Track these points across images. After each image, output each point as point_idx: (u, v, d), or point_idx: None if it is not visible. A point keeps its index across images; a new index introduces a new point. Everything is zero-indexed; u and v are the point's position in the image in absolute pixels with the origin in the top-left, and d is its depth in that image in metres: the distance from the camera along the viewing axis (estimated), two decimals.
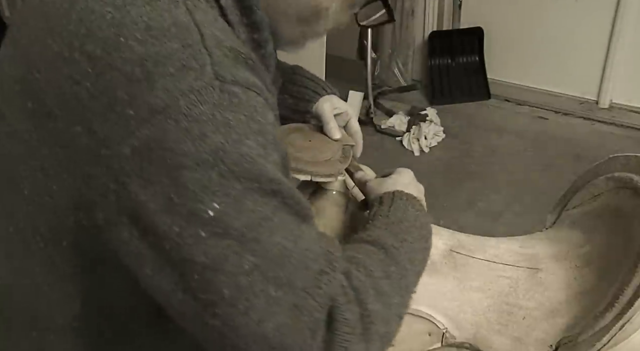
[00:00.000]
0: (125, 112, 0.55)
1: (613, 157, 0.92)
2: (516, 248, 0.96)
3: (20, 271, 0.68)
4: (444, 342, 0.91)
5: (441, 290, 0.91)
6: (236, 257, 0.55)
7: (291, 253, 0.57)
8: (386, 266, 0.68)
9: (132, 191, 0.56)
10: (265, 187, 0.56)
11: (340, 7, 0.72)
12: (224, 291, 0.55)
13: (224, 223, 0.54)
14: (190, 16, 0.58)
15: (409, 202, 0.79)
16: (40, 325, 0.69)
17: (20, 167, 0.64)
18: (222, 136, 0.54)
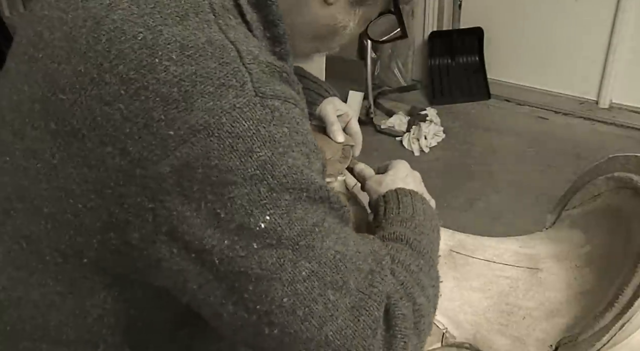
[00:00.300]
0: (162, 132, 0.55)
1: (613, 156, 0.92)
2: (516, 248, 0.96)
3: (31, 284, 0.67)
4: (443, 342, 0.91)
5: (441, 290, 0.91)
6: (292, 265, 0.56)
7: (344, 256, 0.59)
8: (416, 260, 0.69)
9: (172, 209, 0.56)
10: (313, 195, 0.58)
11: (357, 24, 0.74)
12: (283, 299, 0.56)
13: (277, 233, 0.55)
14: (223, 34, 0.59)
15: (413, 198, 0.81)
16: (50, 338, 0.69)
17: (39, 186, 0.63)
18: (268, 150, 0.55)
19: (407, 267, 0.67)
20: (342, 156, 0.93)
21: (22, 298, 0.68)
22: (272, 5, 0.65)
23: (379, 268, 0.62)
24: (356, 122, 1.01)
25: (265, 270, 0.55)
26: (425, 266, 0.70)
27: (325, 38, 0.74)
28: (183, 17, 0.58)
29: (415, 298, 0.64)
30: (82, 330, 0.67)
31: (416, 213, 0.78)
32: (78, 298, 0.66)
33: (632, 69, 3.04)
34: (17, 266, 0.68)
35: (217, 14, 0.60)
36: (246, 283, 0.56)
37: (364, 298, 0.59)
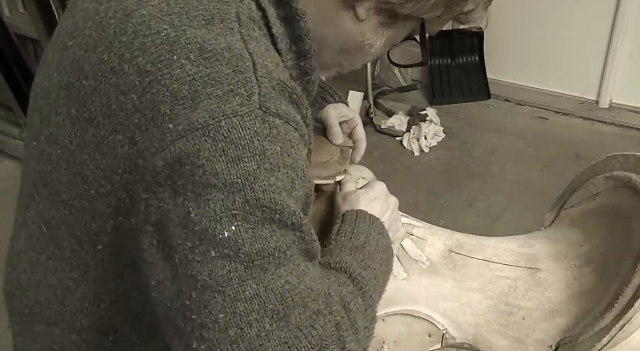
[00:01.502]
0: (164, 126, 0.56)
1: (612, 155, 0.92)
2: (515, 247, 0.96)
3: (49, 269, 0.70)
4: (443, 343, 0.91)
5: (440, 291, 0.91)
6: (239, 282, 0.55)
7: (294, 289, 0.57)
8: (355, 298, 0.68)
9: (162, 201, 0.57)
10: (285, 219, 0.57)
11: (383, 45, 0.74)
12: (219, 315, 0.55)
13: (237, 246, 0.55)
14: (244, 44, 0.59)
15: (371, 225, 0.79)
16: (64, 323, 0.71)
17: (59, 171, 0.65)
18: (255, 163, 0.55)
19: (345, 306, 0.65)
20: (341, 157, 0.93)
21: (41, 282, 0.71)
22: (300, 21, 0.66)
23: (327, 311, 0.61)
24: (362, 128, 1.00)
25: (212, 280, 0.55)
26: (363, 306, 0.68)
27: (351, 54, 0.75)
28: (208, 21, 0.60)
29: (345, 343, 0.62)
30: (94, 317, 0.69)
31: (368, 243, 0.76)
32: (92, 285, 0.68)
33: (632, 69, 3.04)
34: (38, 251, 0.70)
35: (241, 24, 0.61)
36: (192, 289, 0.56)
37: (300, 336, 0.57)
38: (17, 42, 2.71)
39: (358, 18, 0.69)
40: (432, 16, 0.70)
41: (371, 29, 0.71)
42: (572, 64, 3.18)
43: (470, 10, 0.71)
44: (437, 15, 0.70)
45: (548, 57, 3.24)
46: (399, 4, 0.67)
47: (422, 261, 0.93)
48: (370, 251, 0.75)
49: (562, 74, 3.23)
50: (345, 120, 0.99)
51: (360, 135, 0.99)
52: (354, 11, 0.68)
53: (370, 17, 0.69)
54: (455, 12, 0.71)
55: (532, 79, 3.33)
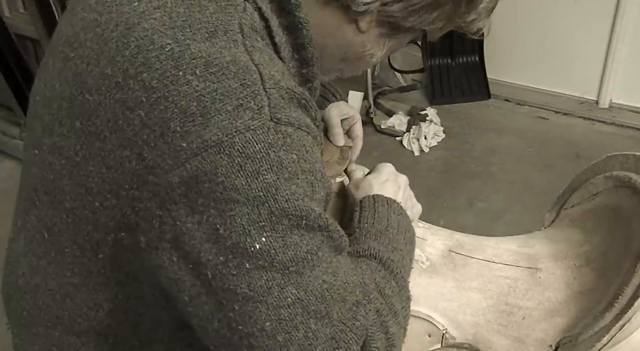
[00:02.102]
0: (176, 143, 0.56)
1: (611, 155, 0.92)
2: (515, 247, 0.95)
3: (49, 274, 0.70)
4: (443, 343, 0.91)
5: (440, 291, 0.91)
6: (279, 289, 0.56)
7: (331, 286, 0.59)
8: (389, 282, 0.70)
9: (177, 218, 0.57)
10: (311, 223, 0.58)
11: (383, 54, 0.74)
12: (265, 323, 0.56)
13: (270, 256, 0.56)
14: (248, 56, 0.59)
15: (389, 208, 0.81)
16: (63, 326, 0.71)
17: (62, 181, 0.65)
18: (274, 174, 0.56)
19: (381, 291, 0.67)
20: (341, 158, 0.93)
21: (40, 286, 0.71)
22: (302, 29, 0.66)
23: (365, 301, 0.63)
24: (361, 126, 1.01)
25: (253, 291, 0.56)
26: (397, 288, 0.70)
27: (352, 62, 0.75)
28: (212, 34, 0.59)
29: (388, 327, 0.65)
30: (93, 322, 0.70)
31: (390, 226, 0.78)
32: (92, 291, 0.68)
33: (632, 69, 3.03)
34: (38, 255, 0.70)
35: (245, 35, 0.61)
36: (233, 302, 0.57)
37: (345, 330, 0.60)
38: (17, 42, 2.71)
39: (360, 30, 0.69)
40: (434, 28, 0.70)
41: (372, 40, 0.71)
42: (572, 64, 3.18)
43: (472, 20, 0.71)
44: (438, 27, 0.70)
45: (548, 57, 3.24)
46: (402, 18, 0.67)
47: (422, 261, 0.93)
48: (393, 233, 0.77)
49: (562, 74, 3.23)
50: (346, 118, 0.99)
51: (358, 132, 1.00)
52: (356, 24, 0.68)
53: (371, 29, 0.69)
54: (457, 23, 0.71)
55: (532, 79, 3.33)
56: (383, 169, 0.90)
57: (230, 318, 0.57)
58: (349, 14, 0.67)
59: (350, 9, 0.65)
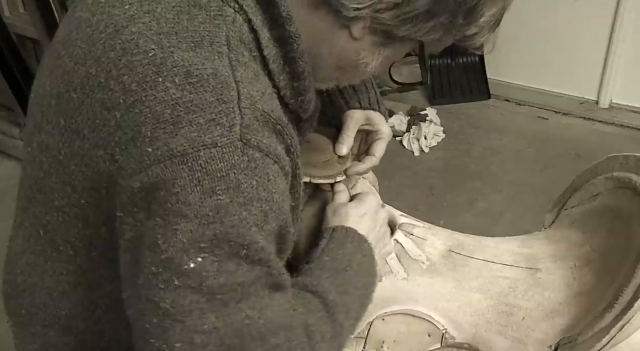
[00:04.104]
0: (144, 148, 0.56)
1: (612, 156, 0.91)
2: (515, 248, 0.95)
3: (46, 272, 0.70)
4: (443, 343, 0.91)
5: (440, 291, 0.91)
6: (200, 314, 0.55)
7: (254, 323, 0.57)
8: (324, 326, 0.67)
9: (137, 221, 0.57)
10: (252, 255, 0.57)
11: (379, 64, 0.73)
12: (176, 343, 0.55)
13: (200, 278, 0.55)
14: (231, 70, 0.59)
15: (358, 247, 0.78)
16: (60, 326, 0.72)
17: (51, 179, 0.66)
18: (229, 196, 0.55)
19: (310, 335, 0.64)
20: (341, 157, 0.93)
21: (37, 284, 0.71)
22: (294, 43, 0.65)
23: (286, 346, 0.60)
24: (384, 146, 0.94)
25: (174, 309, 0.55)
26: (330, 333, 0.67)
27: (347, 71, 0.74)
28: (197, 43, 0.59)
29: None
30: (90, 321, 0.70)
31: (351, 267, 0.75)
32: (87, 289, 0.68)
33: (632, 69, 3.03)
34: (35, 253, 0.71)
35: (231, 48, 0.61)
36: (153, 314, 0.56)
37: None
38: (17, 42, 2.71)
39: (352, 37, 0.67)
40: (431, 39, 0.68)
41: (367, 48, 0.70)
42: (572, 64, 3.18)
43: (473, 34, 0.68)
44: (436, 38, 0.68)
45: (548, 57, 3.24)
46: (395, 26, 0.65)
47: (422, 261, 0.93)
48: (351, 275, 0.74)
49: (562, 74, 3.23)
50: (370, 130, 0.94)
51: (375, 151, 0.93)
52: (349, 30, 0.67)
53: (365, 37, 0.68)
54: (456, 35, 0.69)
55: (532, 79, 3.33)
56: (366, 200, 0.86)
57: (146, 330, 0.56)
58: (341, 20, 0.65)
59: (341, 14, 0.64)
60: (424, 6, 0.63)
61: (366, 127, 0.94)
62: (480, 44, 0.71)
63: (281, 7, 0.63)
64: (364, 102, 0.93)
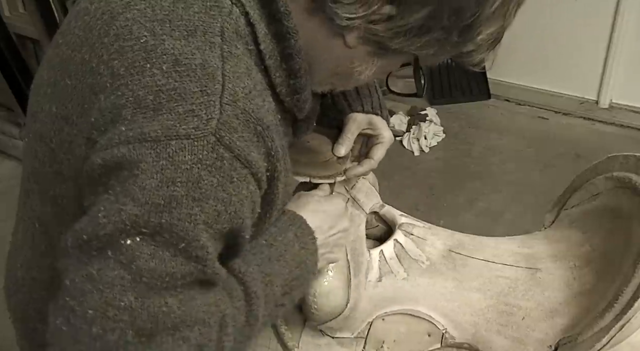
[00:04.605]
0: (120, 128, 0.56)
1: (612, 156, 0.91)
2: (515, 248, 0.96)
3: (42, 266, 0.71)
4: (443, 343, 0.91)
5: (440, 291, 0.91)
6: (121, 290, 0.55)
7: (171, 312, 0.57)
8: (239, 315, 0.66)
9: (90, 195, 0.57)
10: (190, 251, 0.57)
11: (373, 73, 0.72)
12: (89, 310, 0.55)
13: (133, 257, 0.55)
14: (221, 62, 0.59)
15: (299, 237, 0.76)
16: None
17: (45, 168, 0.66)
18: (185, 190, 0.55)
19: (222, 323, 0.63)
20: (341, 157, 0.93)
21: (36, 279, 0.72)
22: (291, 39, 0.65)
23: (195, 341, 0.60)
24: (384, 150, 0.94)
25: (98, 277, 0.55)
26: (242, 323, 0.67)
27: (342, 77, 0.74)
28: (190, 32, 0.59)
29: None
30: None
31: (283, 258, 0.73)
32: None
33: (632, 69, 3.04)
34: (32, 247, 0.71)
35: (224, 39, 0.60)
36: (77, 274, 0.56)
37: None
38: (17, 42, 2.71)
39: (347, 45, 0.67)
40: (425, 53, 0.67)
41: (361, 57, 0.69)
42: (572, 64, 3.18)
43: (470, 51, 0.68)
44: (430, 53, 0.67)
45: (548, 57, 3.24)
46: (388, 38, 0.65)
47: (422, 261, 0.93)
48: (282, 265, 0.73)
49: (562, 74, 3.23)
50: (371, 134, 0.94)
51: (374, 155, 0.93)
52: (344, 39, 0.66)
53: (359, 46, 0.67)
54: (452, 52, 0.68)
55: (532, 79, 3.33)
56: (334, 201, 0.84)
57: (66, 286, 0.56)
58: (334, 28, 0.65)
59: (335, 23, 0.64)
60: (418, 21, 0.62)
61: (368, 131, 0.94)
62: (479, 61, 0.69)
63: (279, 2, 0.63)
64: (367, 106, 0.93)
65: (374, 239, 1.02)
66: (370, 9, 0.62)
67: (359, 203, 0.96)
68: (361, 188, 0.98)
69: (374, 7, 0.61)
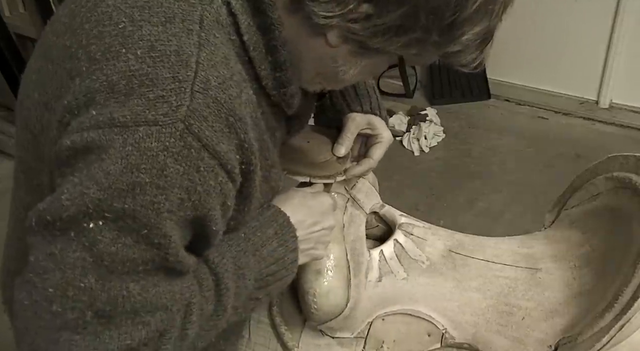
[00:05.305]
0: (92, 112, 0.56)
1: (612, 156, 0.91)
2: (515, 248, 0.96)
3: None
4: (443, 343, 0.91)
5: (440, 291, 0.91)
6: (82, 271, 0.55)
7: (131, 296, 0.58)
8: (207, 304, 0.67)
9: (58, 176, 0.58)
10: (152, 237, 0.57)
11: (358, 72, 0.72)
12: (50, 288, 0.56)
13: (94, 241, 0.55)
14: (197, 50, 0.59)
15: (279, 235, 0.76)
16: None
17: (29, 156, 0.67)
18: (149, 177, 0.55)
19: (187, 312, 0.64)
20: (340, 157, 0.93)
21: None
22: (275, 30, 0.65)
23: (155, 327, 0.60)
24: (383, 150, 0.94)
25: (61, 257, 0.55)
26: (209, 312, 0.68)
27: (327, 77, 0.73)
28: (169, 19, 0.59)
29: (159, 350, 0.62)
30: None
31: (260, 253, 0.73)
32: None
33: (632, 69, 3.03)
34: (20, 237, 0.71)
35: (203, 26, 0.60)
36: (40, 253, 0.56)
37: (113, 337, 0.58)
38: (17, 42, 2.71)
39: (329, 44, 0.67)
40: (408, 53, 0.66)
41: (343, 56, 0.69)
42: (572, 64, 3.17)
43: (457, 51, 0.66)
44: (413, 53, 0.66)
45: (548, 57, 3.24)
46: (367, 37, 0.64)
47: (422, 261, 0.93)
48: (258, 260, 0.73)
49: (562, 74, 3.23)
50: (370, 134, 0.94)
51: (374, 154, 0.93)
52: (325, 37, 0.66)
53: (341, 45, 0.67)
54: (435, 52, 0.66)
55: (532, 79, 3.33)
56: (318, 197, 0.83)
57: (31, 262, 0.57)
58: (315, 27, 0.65)
59: (313, 21, 0.64)
60: (396, 20, 0.62)
61: (367, 131, 0.94)
62: (468, 62, 0.68)
63: None
64: (366, 106, 0.93)
65: (374, 239, 1.02)
66: (347, 7, 0.61)
67: (359, 203, 0.96)
68: (361, 188, 0.98)
69: (350, 5, 0.61)
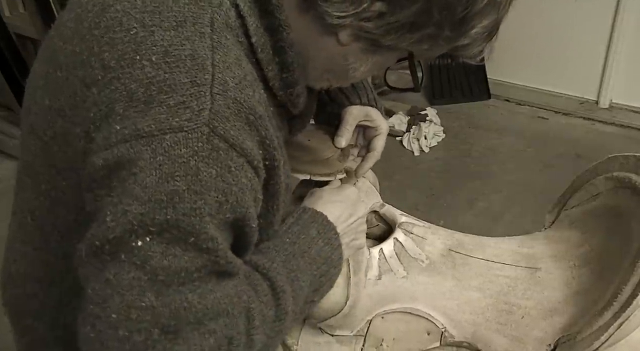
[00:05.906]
0: (114, 125, 0.56)
1: (612, 156, 0.92)
2: (515, 247, 0.96)
3: (35, 260, 0.71)
4: (442, 341, 0.91)
5: (440, 289, 0.91)
6: (140, 290, 0.55)
7: (192, 307, 0.57)
8: (267, 309, 0.67)
9: (97, 196, 0.57)
10: (200, 243, 0.57)
11: (368, 69, 0.72)
12: (112, 314, 0.55)
13: (146, 257, 0.55)
14: (211, 53, 0.59)
15: (321, 233, 0.77)
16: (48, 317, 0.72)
17: (37, 162, 0.66)
18: (186, 183, 0.55)
19: (250, 317, 0.64)
20: (341, 155, 0.93)
21: (29, 274, 0.71)
22: (283, 32, 0.65)
23: (221, 333, 0.60)
24: (383, 141, 0.96)
25: (116, 281, 0.55)
26: (271, 318, 0.67)
27: (336, 74, 0.74)
28: (180, 23, 0.59)
29: None
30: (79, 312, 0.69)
31: (308, 254, 0.74)
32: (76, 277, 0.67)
33: (632, 68, 3.03)
34: (25, 241, 0.71)
35: (214, 29, 0.60)
36: (96, 281, 0.56)
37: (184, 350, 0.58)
38: (17, 42, 2.71)
39: (340, 43, 0.67)
40: (418, 49, 0.67)
41: (354, 54, 0.69)
42: (572, 64, 3.18)
43: (465, 44, 0.67)
44: (424, 49, 0.67)
45: (548, 57, 3.24)
46: (380, 35, 0.64)
47: (422, 259, 0.93)
48: (307, 261, 0.73)
49: (562, 74, 3.23)
50: (369, 126, 0.95)
51: (376, 146, 0.95)
52: (337, 36, 0.66)
53: (352, 43, 0.67)
54: (446, 47, 0.67)
55: (532, 79, 3.33)
56: (345, 189, 0.85)
57: (89, 294, 0.57)
58: (327, 26, 0.65)
59: (325, 21, 0.64)
60: (409, 17, 0.62)
61: (365, 123, 0.95)
62: (475, 54, 0.69)
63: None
64: (364, 99, 0.94)
65: (374, 238, 1.02)
66: (361, 6, 0.62)
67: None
68: (361, 187, 0.99)
69: (364, 4, 0.61)
